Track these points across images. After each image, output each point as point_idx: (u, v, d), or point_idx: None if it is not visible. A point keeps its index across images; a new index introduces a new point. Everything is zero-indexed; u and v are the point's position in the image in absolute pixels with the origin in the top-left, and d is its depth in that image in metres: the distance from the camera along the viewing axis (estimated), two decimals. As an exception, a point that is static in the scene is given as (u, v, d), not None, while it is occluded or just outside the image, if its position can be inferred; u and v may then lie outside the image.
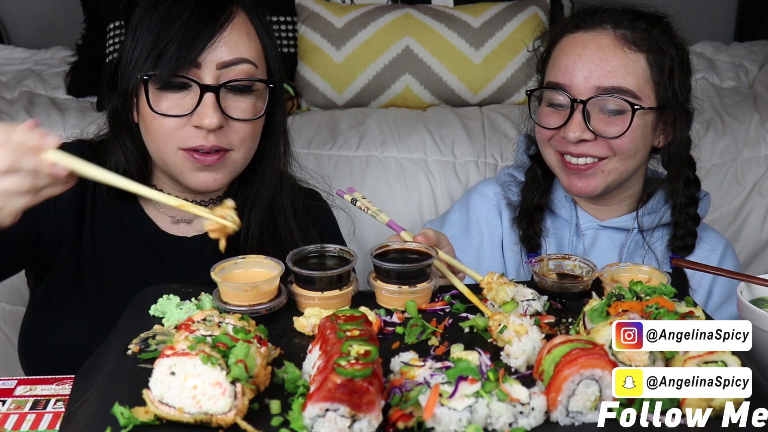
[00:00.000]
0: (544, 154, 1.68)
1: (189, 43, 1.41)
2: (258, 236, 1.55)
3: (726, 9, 3.58)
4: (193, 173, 1.47)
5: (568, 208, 1.72)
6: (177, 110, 1.43)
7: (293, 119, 2.61)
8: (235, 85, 1.45)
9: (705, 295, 1.68)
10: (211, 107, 1.42)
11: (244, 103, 1.47)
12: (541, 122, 1.64)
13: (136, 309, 1.22)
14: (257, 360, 0.98)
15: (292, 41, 2.89)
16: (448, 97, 2.74)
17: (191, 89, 1.43)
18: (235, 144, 1.47)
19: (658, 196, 1.69)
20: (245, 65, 1.46)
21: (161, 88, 1.43)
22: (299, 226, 1.60)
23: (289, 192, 1.61)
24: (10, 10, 3.42)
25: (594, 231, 1.71)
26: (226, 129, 1.45)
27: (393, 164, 2.40)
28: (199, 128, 1.43)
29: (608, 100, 1.56)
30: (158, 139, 1.45)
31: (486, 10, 2.79)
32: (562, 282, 1.29)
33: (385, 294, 1.24)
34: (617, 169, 1.60)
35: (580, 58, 1.59)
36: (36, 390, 1.25)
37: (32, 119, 1.17)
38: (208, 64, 1.43)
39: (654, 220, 1.68)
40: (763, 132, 2.48)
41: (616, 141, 1.57)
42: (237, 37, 1.46)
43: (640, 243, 1.69)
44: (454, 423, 0.93)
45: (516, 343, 1.07)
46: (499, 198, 1.78)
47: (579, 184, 1.62)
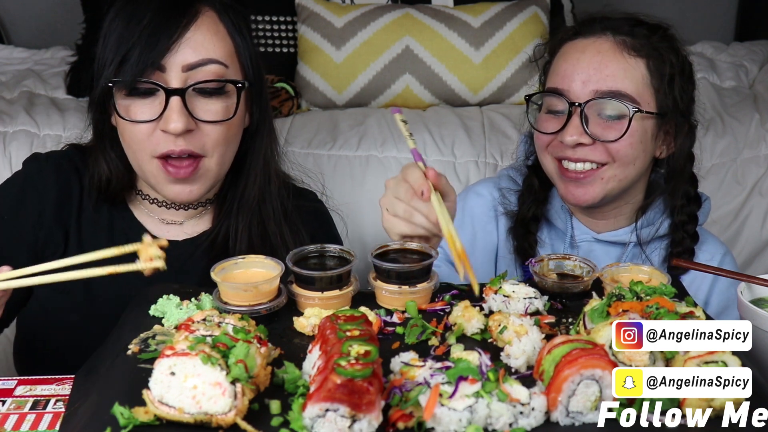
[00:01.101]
0: (542, 161, 1.66)
1: (151, 46, 1.38)
2: (247, 240, 1.53)
3: (726, 9, 3.58)
4: (168, 185, 1.45)
5: (564, 218, 1.70)
6: (145, 116, 1.40)
7: (293, 119, 2.61)
8: (203, 88, 1.41)
9: (702, 305, 1.66)
10: (176, 111, 1.38)
11: (213, 105, 1.42)
12: (540, 128, 1.63)
13: (136, 309, 1.22)
14: (257, 360, 0.98)
15: (292, 41, 2.89)
16: (448, 97, 2.74)
17: (158, 94, 1.39)
18: (208, 149, 1.43)
19: (656, 207, 1.67)
20: (213, 66, 1.42)
21: (129, 95, 1.40)
22: (290, 228, 1.57)
23: (278, 193, 1.57)
24: (10, 10, 3.42)
25: (589, 243, 1.70)
26: (197, 133, 1.41)
27: (393, 164, 2.40)
28: (167, 133, 1.39)
29: (606, 104, 1.55)
30: (132, 146, 1.43)
31: (486, 10, 2.79)
32: (563, 282, 1.29)
33: (385, 294, 1.24)
34: (616, 177, 1.58)
35: (578, 62, 1.58)
36: (36, 390, 1.25)
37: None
38: (172, 67, 1.39)
39: (650, 232, 1.66)
40: (763, 132, 2.48)
41: (614, 145, 1.55)
42: (203, 37, 1.42)
43: (637, 256, 1.67)
44: (454, 423, 0.93)
45: (516, 344, 1.07)
46: (495, 201, 1.77)
47: (577, 193, 1.59)
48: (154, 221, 1.57)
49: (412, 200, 1.32)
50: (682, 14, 3.36)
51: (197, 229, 1.57)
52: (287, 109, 2.67)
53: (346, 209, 2.34)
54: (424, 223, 1.32)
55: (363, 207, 2.34)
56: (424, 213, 1.31)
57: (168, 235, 1.55)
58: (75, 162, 1.56)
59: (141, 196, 1.56)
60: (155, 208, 1.56)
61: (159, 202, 1.55)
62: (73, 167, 1.56)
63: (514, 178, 1.78)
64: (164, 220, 1.57)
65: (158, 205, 1.55)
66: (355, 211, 2.35)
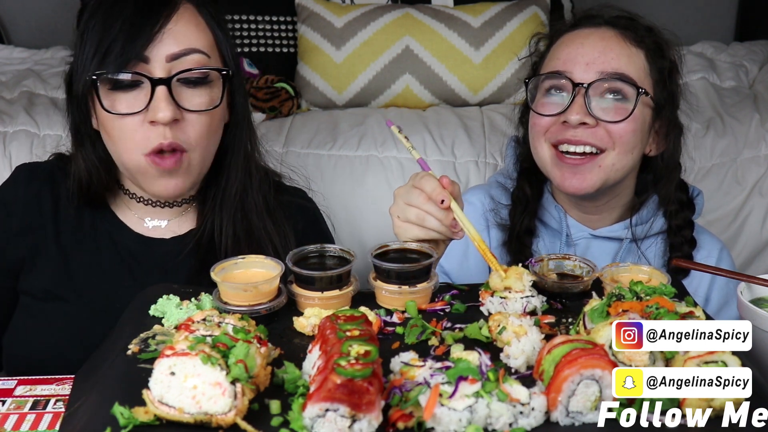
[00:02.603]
0: (537, 150, 1.64)
1: (134, 38, 1.38)
2: (232, 235, 1.53)
3: (726, 9, 3.58)
4: (155, 180, 1.45)
5: (558, 218, 1.70)
6: (131, 108, 1.40)
7: (293, 119, 2.61)
8: (188, 77, 1.42)
9: (702, 302, 1.67)
10: (164, 100, 1.38)
11: (198, 96, 1.43)
12: (540, 111, 1.62)
13: (136, 309, 1.22)
14: (257, 360, 0.98)
15: (292, 41, 2.89)
16: (448, 97, 2.74)
17: (143, 86, 1.40)
18: (192, 142, 1.44)
19: (650, 204, 1.68)
20: (196, 55, 1.43)
21: (113, 89, 1.40)
22: (273, 221, 1.58)
23: (260, 187, 1.58)
24: (10, 10, 3.42)
25: (586, 241, 1.70)
26: (183, 124, 1.42)
27: (393, 164, 2.39)
28: (155, 124, 1.39)
29: (611, 85, 1.56)
30: (120, 144, 1.43)
31: (486, 10, 2.79)
32: (562, 282, 1.29)
33: (385, 294, 1.24)
34: (614, 166, 1.57)
35: (582, 46, 1.59)
36: (36, 390, 1.25)
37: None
38: (156, 57, 1.40)
39: (645, 229, 1.67)
40: (763, 132, 2.48)
41: (617, 129, 1.55)
42: (185, 28, 1.43)
43: (633, 252, 1.67)
44: (454, 423, 0.92)
45: (515, 344, 1.07)
46: (486, 208, 1.77)
47: (574, 181, 1.58)
48: (138, 221, 1.57)
49: (425, 204, 1.34)
50: (682, 14, 3.36)
51: (183, 227, 1.58)
52: (287, 109, 2.67)
53: (346, 209, 2.35)
54: (437, 227, 1.34)
55: (363, 207, 2.35)
56: (437, 216, 1.34)
57: (155, 234, 1.56)
58: (53, 172, 1.57)
59: (128, 195, 1.56)
60: (141, 207, 1.56)
61: (145, 200, 1.55)
62: (49, 177, 1.57)
63: (504, 185, 1.77)
64: (149, 219, 1.57)
65: (145, 203, 1.55)
66: (355, 211, 2.35)
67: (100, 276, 1.52)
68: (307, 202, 1.70)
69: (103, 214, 1.56)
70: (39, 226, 1.53)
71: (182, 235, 1.57)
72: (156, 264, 1.53)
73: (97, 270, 1.52)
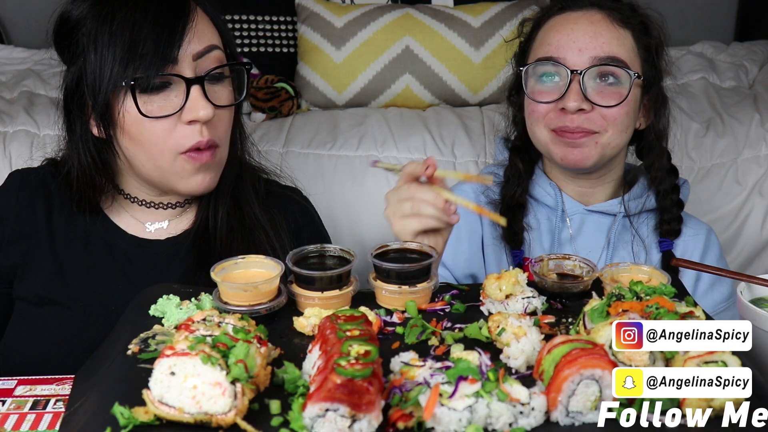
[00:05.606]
0: (534, 133, 1.69)
1: (166, 41, 1.40)
2: (227, 223, 1.55)
3: (726, 9, 3.57)
4: (190, 177, 1.46)
5: (554, 194, 1.74)
6: (164, 111, 1.41)
7: (293, 119, 2.61)
8: (213, 74, 1.44)
9: (692, 282, 1.71)
10: (201, 99, 1.41)
11: (223, 91, 1.47)
12: (536, 98, 1.65)
13: (136, 309, 1.22)
14: (257, 360, 0.98)
15: (292, 41, 2.89)
16: (448, 97, 2.74)
17: (173, 87, 1.41)
18: (222, 137, 1.48)
19: (641, 183, 1.74)
20: (216, 51, 1.46)
21: (143, 92, 1.40)
22: (262, 209, 1.60)
23: (250, 177, 1.61)
24: (10, 10, 3.41)
25: (581, 216, 1.74)
26: (215, 120, 1.44)
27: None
28: (192, 123, 1.41)
29: (606, 69, 1.60)
30: (153, 148, 1.43)
31: (486, 10, 2.79)
32: (562, 282, 1.29)
33: (385, 294, 1.24)
34: (610, 144, 1.63)
35: (572, 31, 1.63)
36: (36, 390, 1.25)
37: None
38: (184, 57, 1.41)
39: (638, 205, 1.72)
40: (763, 132, 2.48)
41: (612, 112, 1.59)
42: (203, 26, 1.45)
43: (627, 227, 1.72)
44: (454, 423, 0.93)
45: (515, 344, 1.07)
46: (477, 194, 1.79)
47: (574, 154, 1.63)
48: (135, 223, 1.57)
49: (416, 193, 1.38)
50: (682, 14, 3.35)
51: (180, 227, 1.59)
52: (287, 109, 2.67)
53: (346, 209, 2.35)
54: (432, 212, 1.38)
55: (363, 207, 2.34)
56: (430, 201, 1.38)
57: (151, 236, 1.56)
58: (45, 178, 1.58)
59: (130, 199, 1.56)
60: (140, 210, 1.56)
61: (147, 203, 1.56)
62: (42, 183, 1.57)
63: (497, 173, 1.81)
64: (149, 223, 1.57)
65: (147, 206, 1.56)
66: (356, 211, 2.35)
67: (95, 279, 1.52)
68: (300, 197, 1.72)
69: (97, 218, 1.56)
70: (32, 233, 1.54)
71: (177, 236, 1.57)
72: (151, 265, 1.53)
73: (92, 274, 1.52)
